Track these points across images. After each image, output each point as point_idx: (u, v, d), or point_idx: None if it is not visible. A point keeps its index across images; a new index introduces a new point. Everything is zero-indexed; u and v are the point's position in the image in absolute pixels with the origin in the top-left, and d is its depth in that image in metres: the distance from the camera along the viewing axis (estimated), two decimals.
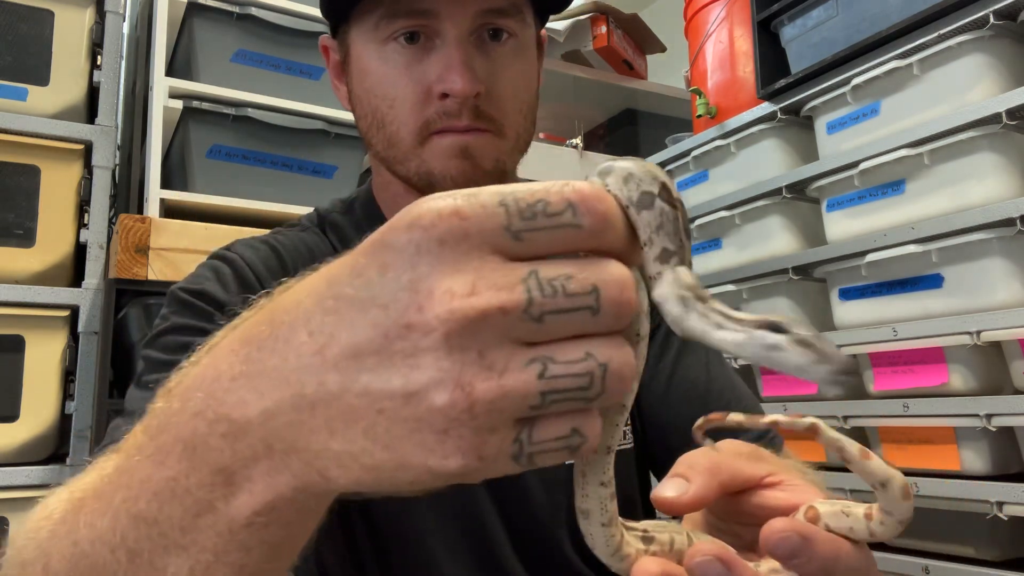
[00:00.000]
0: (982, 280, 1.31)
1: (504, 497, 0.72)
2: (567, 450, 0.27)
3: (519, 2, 0.71)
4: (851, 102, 1.56)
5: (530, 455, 0.26)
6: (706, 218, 1.86)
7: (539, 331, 0.26)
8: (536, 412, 0.26)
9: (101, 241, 1.57)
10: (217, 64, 1.72)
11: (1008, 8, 1.30)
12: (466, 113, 0.68)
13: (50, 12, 1.58)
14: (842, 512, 0.37)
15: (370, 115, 0.72)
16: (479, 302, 0.25)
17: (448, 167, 0.69)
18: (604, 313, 0.26)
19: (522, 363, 0.26)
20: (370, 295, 0.26)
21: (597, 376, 0.26)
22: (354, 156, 1.86)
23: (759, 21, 1.74)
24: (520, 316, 0.25)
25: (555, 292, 0.26)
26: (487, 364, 0.25)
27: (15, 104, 1.54)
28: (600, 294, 0.26)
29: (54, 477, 1.47)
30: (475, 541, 0.72)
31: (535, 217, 0.26)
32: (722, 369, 0.81)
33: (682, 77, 2.27)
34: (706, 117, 1.94)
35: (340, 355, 0.26)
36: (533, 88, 0.76)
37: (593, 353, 0.26)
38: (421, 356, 0.25)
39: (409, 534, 0.71)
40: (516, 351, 0.26)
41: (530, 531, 0.73)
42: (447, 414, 0.25)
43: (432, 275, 0.26)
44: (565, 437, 0.26)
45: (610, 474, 0.36)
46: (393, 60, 0.69)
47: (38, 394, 1.48)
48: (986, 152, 1.32)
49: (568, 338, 0.26)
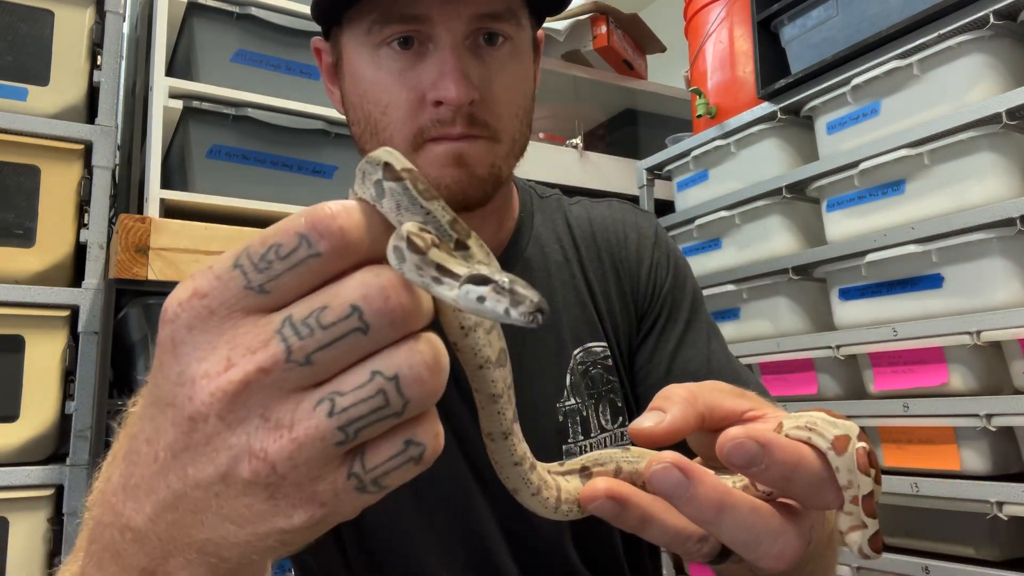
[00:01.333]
0: (982, 280, 1.31)
1: (501, 503, 0.72)
2: (411, 462, 0.26)
3: (514, 5, 0.69)
4: (851, 102, 1.56)
5: (375, 480, 0.26)
6: (706, 218, 1.86)
7: (315, 372, 0.26)
8: (351, 444, 0.26)
9: (101, 241, 1.57)
10: (217, 64, 1.72)
11: (1008, 8, 1.30)
12: (460, 120, 0.66)
13: (50, 12, 1.58)
14: (807, 426, 0.36)
15: (363, 121, 0.71)
16: (236, 374, 0.25)
17: (443, 175, 0.67)
18: (375, 327, 0.26)
19: (310, 409, 0.25)
20: (161, 396, 0.27)
21: (390, 391, 0.25)
22: (354, 156, 1.86)
23: (759, 21, 1.74)
24: (285, 368, 0.25)
25: (311, 330, 0.25)
26: (273, 424, 0.25)
27: (15, 104, 1.54)
28: (363, 311, 0.25)
29: (54, 477, 1.47)
30: (471, 548, 0.71)
31: (271, 265, 0.26)
32: (727, 362, 0.79)
33: (682, 77, 2.27)
34: (706, 117, 1.94)
35: (167, 458, 0.27)
36: (529, 92, 0.74)
37: (379, 370, 0.25)
38: (213, 441, 0.26)
39: (401, 542, 0.70)
40: (302, 399, 0.26)
41: (528, 536, 0.72)
42: (258, 483, 0.26)
43: (191, 363, 0.26)
44: (401, 452, 0.26)
45: (521, 451, 0.37)
46: (387, 66, 0.68)
47: (38, 394, 1.48)
48: (986, 152, 1.32)
49: (355, 363, 0.26)
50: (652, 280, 0.81)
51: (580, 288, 0.79)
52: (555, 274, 0.78)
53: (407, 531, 0.70)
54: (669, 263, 0.82)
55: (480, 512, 0.71)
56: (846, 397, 1.56)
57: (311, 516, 0.26)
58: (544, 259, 0.79)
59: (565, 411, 0.74)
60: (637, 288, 0.81)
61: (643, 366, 0.79)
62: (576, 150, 2.24)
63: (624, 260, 0.81)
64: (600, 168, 2.29)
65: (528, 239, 0.79)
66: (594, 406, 0.75)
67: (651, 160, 2.12)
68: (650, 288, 0.80)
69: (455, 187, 0.68)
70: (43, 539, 1.46)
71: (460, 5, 0.66)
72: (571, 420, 0.74)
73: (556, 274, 0.78)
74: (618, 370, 0.77)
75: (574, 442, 0.73)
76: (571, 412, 0.74)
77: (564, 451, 0.73)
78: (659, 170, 2.14)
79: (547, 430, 0.73)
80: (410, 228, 0.27)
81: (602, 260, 0.81)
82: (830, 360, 1.54)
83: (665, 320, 0.80)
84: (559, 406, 0.74)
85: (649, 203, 2.15)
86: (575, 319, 0.77)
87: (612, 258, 0.81)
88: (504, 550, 0.71)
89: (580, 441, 0.74)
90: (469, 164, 0.68)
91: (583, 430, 0.74)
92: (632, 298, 0.80)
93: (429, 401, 0.26)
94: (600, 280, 0.80)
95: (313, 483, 0.26)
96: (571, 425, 0.74)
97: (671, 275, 0.81)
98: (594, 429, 0.74)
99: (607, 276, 0.80)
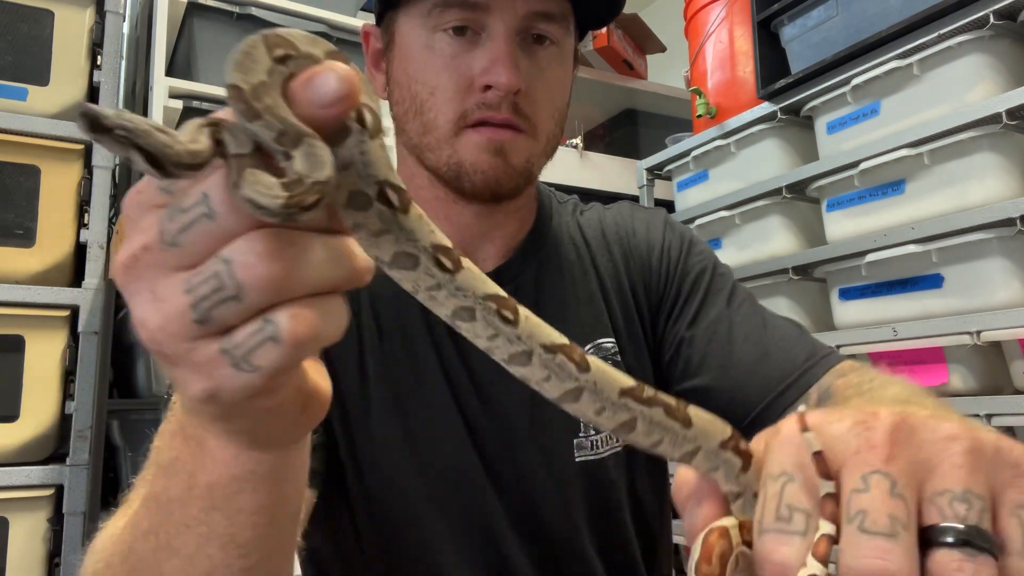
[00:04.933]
0: (982, 280, 1.31)
1: (512, 499, 0.72)
2: (270, 341, 0.28)
3: (565, 11, 0.73)
4: (851, 102, 1.56)
5: (245, 356, 0.28)
6: (706, 218, 1.86)
7: (184, 254, 0.28)
8: (212, 325, 0.28)
9: (101, 241, 1.57)
10: (217, 64, 1.72)
11: (1008, 8, 1.30)
12: (506, 106, 0.69)
13: (50, 12, 1.58)
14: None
15: (408, 100, 0.72)
16: (127, 249, 0.29)
17: (480, 160, 0.70)
18: (218, 214, 0.27)
19: (177, 286, 0.28)
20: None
21: (223, 273, 0.27)
22: None
23: (759, 21, 1.74)
24: (160, 247, 0.28)
25: (174, 214, 0.28)
26: (157, 297, 0.28)
27: (15, 104, 1.54)
28: (209, 197, 0.27)
29: (54, 477, 1.47)
30: (483, 541, 0.72)
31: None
32: (753, 332, 0.75)
33: (682, 77, 2.27)
34: (706, 117, 1.94)
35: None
36: (566, 97, 0.77)
37: (221, 254, 0.27)
38: (130, 308, 0.30)
39: (415, 533, 0.71)
40: (177, 280, 0.28)
41: (541, 531, 0.73)
42: (153, 349, 0.29)
43: (130, 236, 0.30)
44: (259, 330, 0.28)
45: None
46: (439, 49, 0.70)
47: (38, 394, 1.48)
48: (986, 152, 1.32)
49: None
50: (665, 263, 0.81)
51: (591, 286, 0.80)
52: (567, 273, 0.80)
53: (420, 522, 0.71)
54: (683, 244, 0.82)
55: (491, 507, 0.72)
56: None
57: (204, 387, 0.29)
58: (558, 258, 0.80)
59: None
60: (650, 276, 0.81)
61: (670, 346, 0.79)
62: (576, 150, 2.24)
63: (634, 251, 0.82)
64: (600, 168, 2.29)
65: (545, 239, 0.81)
66: None
67: (651, 160, 2.12)
68: (664, 271, 0.81)
69: (491, 173, 0.70)
70: (43, 539, 1.46)
71: (517, 0, 0.69)
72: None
73: (568, 273, 0.80)
74: (627, 365, 0.78)
75: (585, 436, 0.75)
76: None
77: (576, 444, 0.74)
78: (659, 170, 2.14)
79: (560, 424, 0.74)
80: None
81: (612, 255, 0.82)
82: None
83: (687, 296, 0.80)
84: None
85: (649, 203, 2.15)
86: (586, 317, 0.78)
87: (623, 251, 0.82)
88: (516, 544, 0.72)
89: (591, 435, 0.75)
90: (507, 154, 0.70)
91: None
92: (645, 287, 0.81)
93: (266, 287, 0.27)
94: (611, 275, 0.81)
95: (191, 354, 0.28)
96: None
97: (685, 254, 0.81)
98: None
99: (618, 270, 0.81)
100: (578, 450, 0.74)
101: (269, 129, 0.27)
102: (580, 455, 0.74)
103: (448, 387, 0.73)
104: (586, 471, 0.74)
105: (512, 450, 0.73)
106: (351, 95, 0.27)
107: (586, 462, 0.74)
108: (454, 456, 0.72)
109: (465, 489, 0.72)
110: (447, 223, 0.75)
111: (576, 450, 0.74)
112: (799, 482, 0.31)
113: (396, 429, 0.71)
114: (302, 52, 0.29)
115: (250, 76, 0.27)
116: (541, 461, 0.73)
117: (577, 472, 0.74)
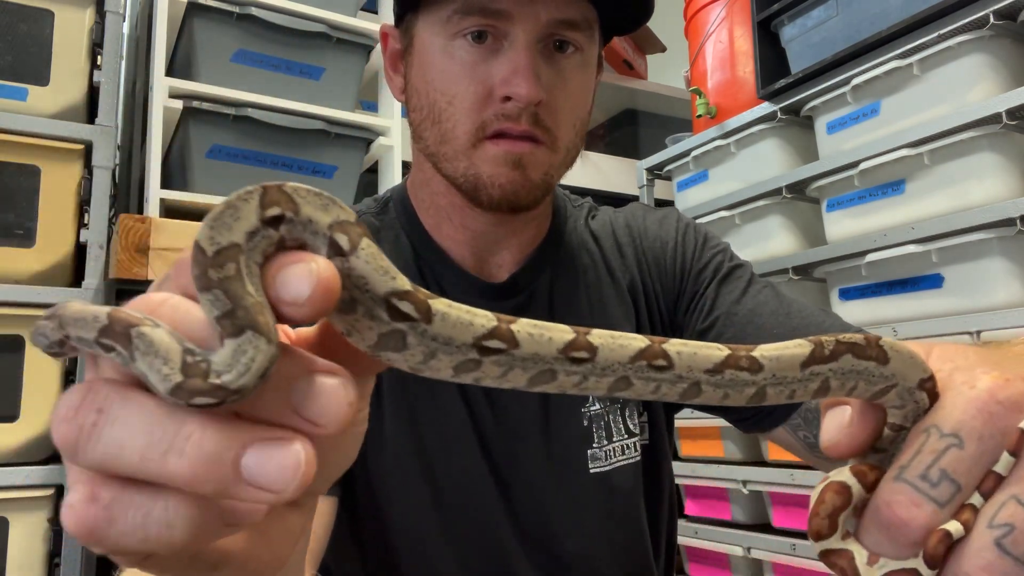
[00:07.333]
0: (982, 280, 1.31)
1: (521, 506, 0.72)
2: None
3: (590, 17, 0.70)
4: (851, 102, 1.56)
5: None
6: (706, 218, 1.86)
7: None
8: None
9: (101, 241, 1.57)
10: (217, 64, 1.72)
11: (1008, 8, 1.30)
12: (525, 118, 0.67)
13: (50, 12, 1.58)
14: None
15: (426, 108, 0.70)
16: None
17: (498, 173, 0.68)
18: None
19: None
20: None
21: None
22: (354, 156, 1.86)
23: (759, 21, 1.74)
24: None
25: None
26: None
27: (15, 104, 1.54)
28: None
29: (54, 477, 1.47)
30: (487, 552, 0.71)
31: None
32: (776, 317, 0.77)
33: (682, 77, 2.27)
34: (706, 117, 1.94)
35: None
36: (588, 105, 0.74)
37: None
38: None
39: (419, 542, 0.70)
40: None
41: (547, 541, 0.72)
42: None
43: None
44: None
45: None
46: (459, 57, 0.68)
47: (38, 394, 1.48)
48: (986, 152, 1.32)
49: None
50: (680, 260, 0.80)
51: (605, 290, 0.79)
52: (581, 279, 0.79)
53: (426, 532, 0.70)
54: (696, 239, 0.82)
55: (497, 515, 0.71)
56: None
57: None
58: (572, 263, 0.79)
59: (590, 416, 0.75)
60: (665, 274, 0.80)
61: (690, 338, 0.78)
62: None
63: (648, 252, 0.81)
64: (600, 168, 2.29)
65: (560, 246, 0.80)
66: (619, 410, 0.76)
67: (651, 160, 2.12)
68: (678, 268, 0.80)
69: (508, 187, 0.68)
70: (43, 539, 1.46)
71: (540, 7, 0.66)
72: (596, 425, 0.75)
73: (582, 279, 0.79)
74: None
75: (599, 447, 0.74)
76: (596, 417, 0.75)
77: (589, 455, 0.74)
78: (659, 170, 2.14)
79: (573, 436, 0.74)
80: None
81: (625, 258, 0.81)
82: None
83: (703, 289, 0.79)
84: (584, 411, 0.75)
85: (649, 203, 2.15)
86: (600, 323, 0.77)
87: (636, 253, 0.81)
88: (521, 555, 0.71)
89: (604, 446, 0.74)
90: (526, 167, 0.68)
91: (607, 434, 0.75)
92: (662, 286, 0.80)
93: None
94: (626, 279, 0.80)
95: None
96: (596, 430, 0.75)
97: (699, 249, 0.81)
98: (616, 433, 0.75)
99: (632, 273, 0.80)
100: (592, 461, 0.74)
101: (215, 306, 0.24)
102: (594, 467, 0.74)
103: (461, 397, 0.72)
104: (601, 482, 0.74)
105: (523, 460, 0.72)
106: (323, 300, 0.24)
107: (600, 473, 0.74)
108: (463, 460, 0.72)
109: (473, 501, 0.71)
110: (463, 230, 0.74)
111: (590, 460, 0.74)
112: (968, 452, 0.28)
113: (408, 439, 0.71)
114: (302, 217, 0.25)
115: (221, 235, 0.24)
116: (551, 470, 0.73)
117: (592, 484, 0.73)
